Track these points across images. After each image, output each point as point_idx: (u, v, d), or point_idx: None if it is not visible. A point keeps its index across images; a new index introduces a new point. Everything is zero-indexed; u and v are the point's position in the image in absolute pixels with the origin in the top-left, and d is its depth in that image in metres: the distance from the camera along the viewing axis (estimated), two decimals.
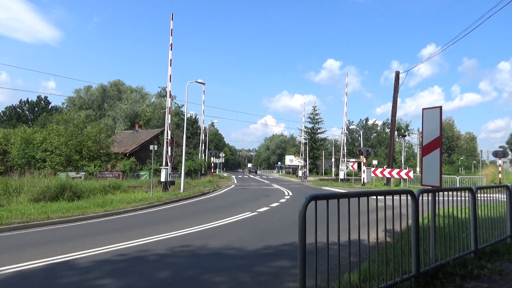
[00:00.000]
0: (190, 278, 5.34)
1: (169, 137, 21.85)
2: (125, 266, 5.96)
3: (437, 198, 4.71)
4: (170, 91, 22.68)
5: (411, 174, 25.98)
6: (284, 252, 6.86)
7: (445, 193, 5.04)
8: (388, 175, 26.99)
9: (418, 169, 37.46)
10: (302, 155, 55.67)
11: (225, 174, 64.37)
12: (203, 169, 41.09)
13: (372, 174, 29.12)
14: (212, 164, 44.87)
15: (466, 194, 5.31)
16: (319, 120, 65.58)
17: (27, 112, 75.83)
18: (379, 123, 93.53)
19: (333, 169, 58.36)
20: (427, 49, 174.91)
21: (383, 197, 3.87)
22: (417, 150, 49.62)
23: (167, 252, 6.89)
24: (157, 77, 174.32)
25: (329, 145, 70.43)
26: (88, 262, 6.15)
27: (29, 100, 75.94)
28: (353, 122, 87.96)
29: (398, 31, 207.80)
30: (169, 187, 21.79)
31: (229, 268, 5.78)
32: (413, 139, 56.85)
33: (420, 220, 4.16)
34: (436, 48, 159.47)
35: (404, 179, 26.40)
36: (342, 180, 37.91)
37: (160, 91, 65.43)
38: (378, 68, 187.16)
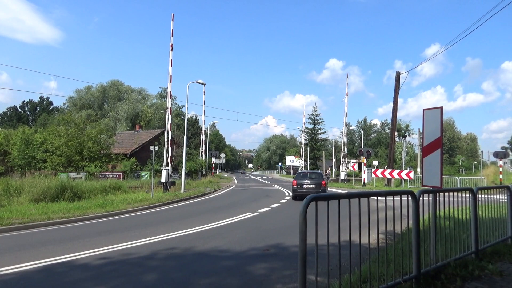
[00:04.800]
0: (187, 279, 5.34)
1: (169, 138, 21.87)
2: (126, 267, 5.96)
3: (437, 198, 4.72)
4: (170, 91, 22.71)
5: (411, 174, 25.97)
6: (285, 253, 6.86)
7: (446, 193, 5.04)
8: (388, 176, 26.98)
9: (418, 169, 37.44)
10: (302, 155, 55.66)
11: (226, 175, 64.36)
12: (203, 169, 41.11)
13: (373, 175, 29.13)
14: (213, 164, 44.88)
15: (467, 195, 5.31)
16: (320, 120, 65.44)
17: (28, 113, 75.98)
18: (378, 122, 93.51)
19: (334, 170, 58.32)
20: (431, 48, 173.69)
21: (383, 198, 3.87)
22: (417, 150, 49.56)
23: (167, 253, 6.88)
24: (158, 77, 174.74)
25: (329, 146, 70.38)
26: (88, 263, 6.15)
27: (32, 100, 76.22)
28: (349, 124, 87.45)
29: (401, 30, 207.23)
30: (170, 187, 21.79)
31: (229, 269, 5.78)
32: (414, 139, 56.89)
33: (421, 220, 4.16)
34: (440, 48, 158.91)
35: (404, 180, 26.39)
36: (342, 180, 37.90)
37: (161, 92, 65.53)
38: (381, 68, 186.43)
